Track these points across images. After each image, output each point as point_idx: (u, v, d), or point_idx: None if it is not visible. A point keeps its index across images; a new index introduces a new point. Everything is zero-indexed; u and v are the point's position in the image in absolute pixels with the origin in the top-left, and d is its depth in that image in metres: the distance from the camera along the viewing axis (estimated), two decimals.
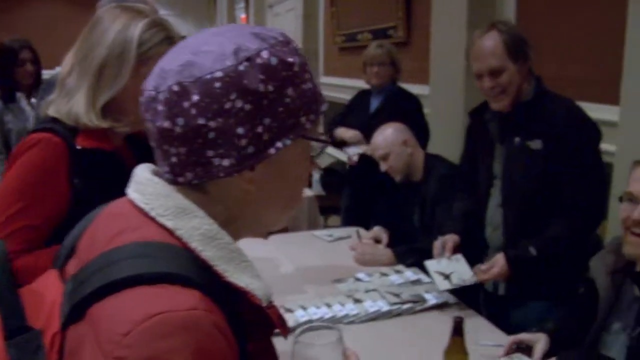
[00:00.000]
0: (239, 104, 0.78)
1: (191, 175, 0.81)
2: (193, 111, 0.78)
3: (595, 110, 2.86)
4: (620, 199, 1.72)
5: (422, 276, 2.51)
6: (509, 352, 1.82)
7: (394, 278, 2.49)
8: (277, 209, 0.90)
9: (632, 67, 2.55)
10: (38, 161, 1.42)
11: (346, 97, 4.71)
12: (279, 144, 0.82)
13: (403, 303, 2.22)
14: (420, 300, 2.26)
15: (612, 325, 1.80)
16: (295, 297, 2.28)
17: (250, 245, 0.91)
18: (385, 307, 2.19)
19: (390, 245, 2.88)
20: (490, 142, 2.33)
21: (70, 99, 1.47)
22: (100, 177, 1.44)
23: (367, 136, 3.72)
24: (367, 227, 3.21)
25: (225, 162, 0.80)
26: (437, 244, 2.36)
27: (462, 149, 2.63)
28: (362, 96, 4.02)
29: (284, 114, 0.81)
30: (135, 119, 1.43)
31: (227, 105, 0.77)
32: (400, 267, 2.63)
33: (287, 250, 2.84)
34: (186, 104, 0.78)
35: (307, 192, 4.14)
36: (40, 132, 1.44)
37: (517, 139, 2.21)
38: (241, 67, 0.78)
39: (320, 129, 1.06)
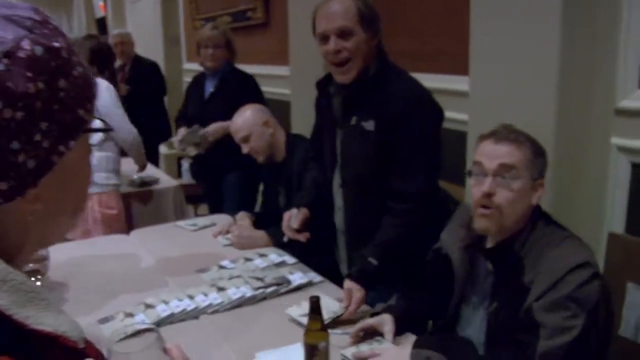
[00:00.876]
0: (7, 113, 0.63)
1: None
2: None
3: (447, 81, 2.95)
4: (469, 174, 1.74)
5: (286, 257, 2.48)
6: (356, 341, 1.78)
7: (258, 262, 2.44)
8: (66, 218, 0.77)
9: (477, 39, 2.62)
10: None
11: None
12: (61, 148, 0.70)
13: (267, 287, 2.17)
14: (284, 282, 2.22)
15: (471, 299, 1.83)
16: (156, 291, 2.17)
17: (111, 243, 0.80)
18: (249, 293, 2.13)
19: (261, 227, 2.81)
20: (334, 119, 2.24)
21: None
22: None
23: (203, 122, 3.66)
24: (220, 211, 3.13)
25: (3, 186, 0.66)
26: (285, 216, 2.32)
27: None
28: (197, 81, 3.90)
29: (61, 111, 0.69)
30: None
31: None
32: (264, 250, 2.58)
33: (149, 245, 2.72)
34: None
35: (172, 183, 4.00)
36: None
37: (354, 119, 2.12)
38: (0, 67, 0.64)
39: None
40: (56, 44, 0.69)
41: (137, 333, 0.89)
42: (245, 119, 2.92)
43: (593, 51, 2.30)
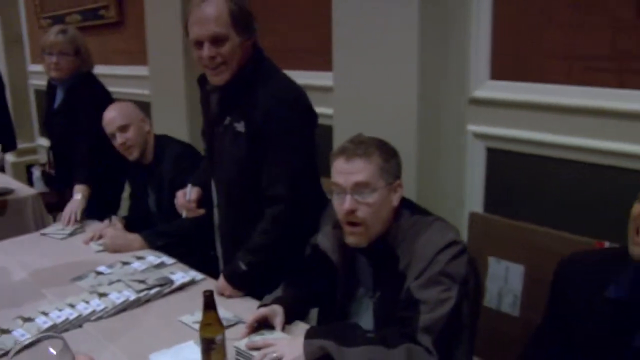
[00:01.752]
0: None
1: None
2: None
3: (313, 78, 3.05)
4: (330, 192, 1.81)
5: (164, 258, 2.46)
6: (250, 332, 1.80)
7: (137, 265, 2.39)
8: None
9: (339, 36, 2.74)
10: None
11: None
12: None
13: (150, 288, 2.14)
14: (167, 282, 2.20)
15: (358, 291, 1.92)
16: (33, 304, 2.07)
17: None
18: (132, 296, 2.09)
19: (132, 231, 2.75)
20: (212, 117, 2.23)
21: None
22: None
23: (51, 136, 3.54)
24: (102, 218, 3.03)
25: None
26: (179, 193, 2.31)
27: None
28: (49, 88, 3.53)
29: None
30: None
31: None
32: (141, 253, 2.54)
33: (17, 256, 2.57)
34: None
35: (29, 191, 3.79)
36: None
37: (228, 119, 2.12)
38: None
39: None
40: None
41: (32, 344, 0.88)
42: (125, 109, 2.85)
43: (448, 45, 2.50)
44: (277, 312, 1.85)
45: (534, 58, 2.36)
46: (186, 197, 2.28)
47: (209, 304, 1.62)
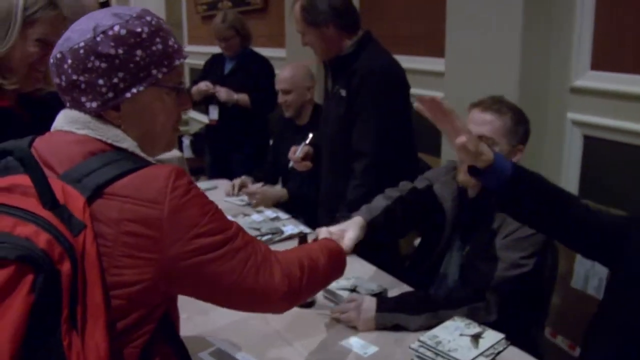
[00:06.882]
0: (97, 63, 1.10)
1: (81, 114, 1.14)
2: (69, 70, 1.11)
3: (425, 63, 3.28)
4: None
5: (280, 214, 2.82)
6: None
7: (256, 217, 2.78)
8: (148, 140, 1.20)
9: (453, 24, 2.95)
10: None
11: None
12: (133, 90, 1.14)
13: (263, 235, 2.51)
14: (278, 232, 2.56)
15: (454, 243, 2.09)
16: None
17: None
18: None
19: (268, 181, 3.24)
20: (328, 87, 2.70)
21: None
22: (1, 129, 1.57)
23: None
24: (230, 178, 3.44)
25: (94, 104, 1.13)
26: (292, 149, 2.77)
27: None
28: (217, 59, 4.27)
29: (135, 68, 1.13)
30: (24, 76, 1.63)
31: (89, 65, 1.10)
32: (261, 207, 2.93)
33: None
34: (65, 66, 1.11)
35: (176, 154, 4.33)
36: None
37: (336, 87, 2.57)
38: (97, 38, 1.10)
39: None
40: (138, 30, 1.13)
41: None
42: (294, 76, 3.27)
43: (550, 35, 2.64)
44: (349, 227, 1.83)
45: (634, 50, 2.44)
46: (296, 153, 2.70)
47: (302, 243, 1.94)
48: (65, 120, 1.16)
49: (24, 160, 1.05)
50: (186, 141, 5.88)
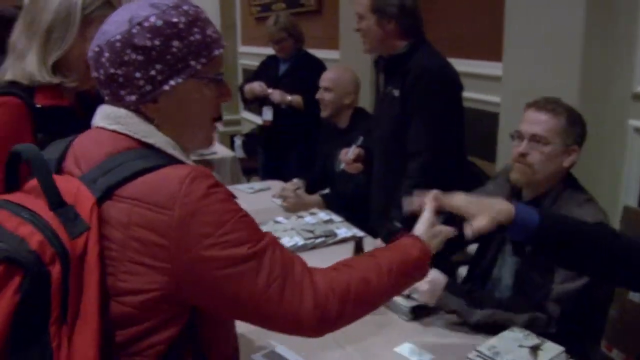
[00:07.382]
0: (133, 56, 1.07)
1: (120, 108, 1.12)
2: (107, 64, 1.09)
3: (481, 67, 3.24)
4: (512, 137, 2.00)
5: (334, 216, 2.83)
6: None
7: (309, 219, 2.79)
8: (186, 134, 1.17)
9: (511, 28, 2.91)
10: (2, 122, 1.59)
11: None
12: (172, 82, 1.10)
13: (316, 237, 2.52)
14: (332, 234, 2.57)
15: (506, 247, 2.07)
16: None
17: None
18: (301, 242, 2.48)
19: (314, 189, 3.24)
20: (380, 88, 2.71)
21: (23, 60, 1.64)
22: (60, 130, 1.61)
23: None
24: (285, 180, 3.47)
25: (132, 98, 1.10)
26: (343, 150, 2.72)
27: None
28: (271, 60, 4.31)
29: (172, 60, 1.09)
30: (82, 75, 1.66)
31: (126, 58, 1.07)
32: (314, 209, 2.94)
33: None
34: (102, 59, 1.09)
35: (229, 153, 4.40)
36: (1, 97, 1.61)
37: (388, 87, 2.57)
38: (133, 30, 1.07)
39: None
40: (175, 20, 1.09)
41: None
42: (339, 77, 3.29)
43: (613, 41, 2.58)
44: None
45: None
46: (347, 154, 2.68)
47: (359, 249, 1.95)
48: (100, 116, 1.14)
49: (31, 161, 1.02)
50: (238, 141, 5.94)
